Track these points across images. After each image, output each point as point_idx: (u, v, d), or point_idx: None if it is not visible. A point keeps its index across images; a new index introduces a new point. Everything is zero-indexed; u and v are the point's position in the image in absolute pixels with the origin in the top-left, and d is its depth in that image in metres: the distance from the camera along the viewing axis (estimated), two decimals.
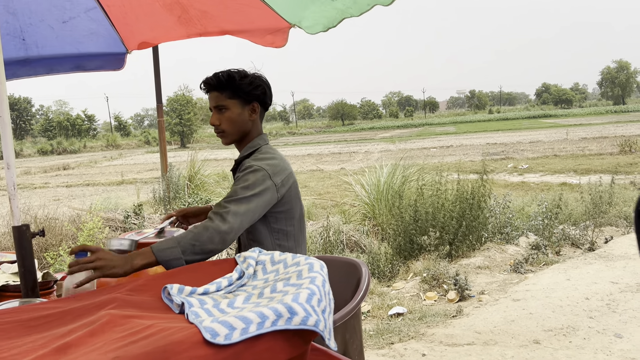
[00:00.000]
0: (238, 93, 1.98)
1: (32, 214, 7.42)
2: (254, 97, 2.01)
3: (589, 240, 6.20)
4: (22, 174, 25.33)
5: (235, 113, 2.00)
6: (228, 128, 2.02)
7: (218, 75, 1.98)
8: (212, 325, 1.09)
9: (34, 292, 1.71)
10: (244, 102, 2.00)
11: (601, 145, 20.45)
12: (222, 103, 1.99)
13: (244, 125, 2.04)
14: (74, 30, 2.66)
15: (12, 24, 2.51)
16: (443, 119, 74.14)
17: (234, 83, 1.97)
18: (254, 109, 2.04)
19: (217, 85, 1.98)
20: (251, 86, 1.99)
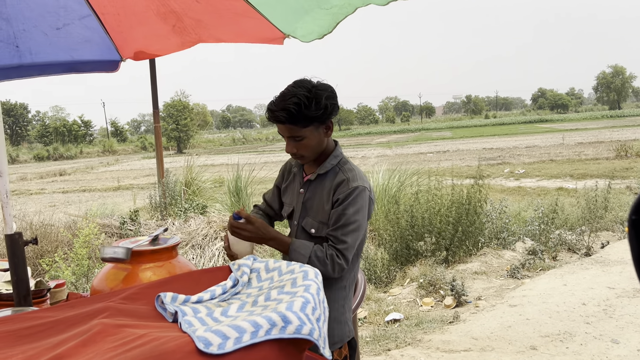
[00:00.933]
0: (312, 120, 1.84)
1: (27, 221, 7.39)
2: (328, 115, 1.89)
3: (586, 245, 6.21)
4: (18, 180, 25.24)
5: (313, 139, 1.89)
6: (307, 153, 1.92)
7: (289, 109, 1.80)
8: (206, 335, 1.08)
9: (26, 301, 1.70)
10: (318, 125, 1.88)
11: (597, 150, 20.52)
12: (297, 134, 1.86)
13: (321, 145, 1.94)
14: (68, 37, 2.65)
15: (6, 30, 2.50)
16: (439, 124, 74.29)
17: (307, 112, 1.81)
18: (329, 127, 1.93)
19: (290, 120, 1.82)
20: (324, 108, 1.84)
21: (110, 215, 8.48)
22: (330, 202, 1.90)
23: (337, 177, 1.93)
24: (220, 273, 1.57)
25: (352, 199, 1.86)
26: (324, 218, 1.92)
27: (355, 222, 1.85)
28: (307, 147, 1.89)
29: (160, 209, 8.60)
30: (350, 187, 1.87)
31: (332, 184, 1.93)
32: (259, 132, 79.02)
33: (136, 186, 18.10)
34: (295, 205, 2.03)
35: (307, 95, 1.81)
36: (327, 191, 1.93)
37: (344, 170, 1.94)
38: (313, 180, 1.98)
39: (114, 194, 16.76)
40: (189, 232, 6.83)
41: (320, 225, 1.93)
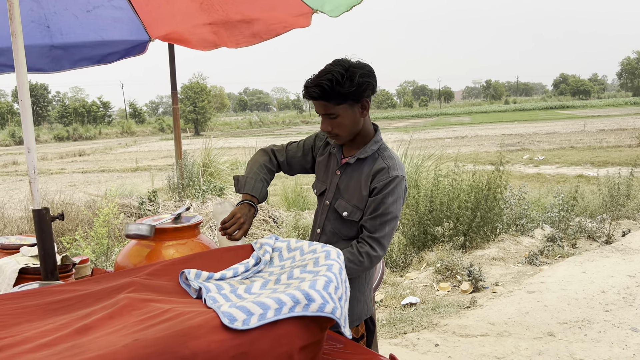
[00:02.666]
0: (346, 97, 1.82)
1: (48, 199, 7.52)
2: (364, 94, 1.86)
3: (606, 233, 6.12)
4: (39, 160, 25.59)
5: (347, 118, 1.87)
6: (342, 132, 1.91)
7: (322, 85, 1.80)
8: (230, 311, 1.10)
9: (53, 275, 1.73)
10: (353, 103, 1.86)
11: (619, 138, 20.12)
12: (331, 112, 1.85)
13: (357, 125, 1.92)
14: (97, 18, 2.68)
15: (37, 11, 2.53)
16: (458, 109, 73.43)
17: (340, 89, 1.80)
18: (365, 106, 1.90)
19: (324, 97, 1.82)
20: (359, 86, 1.82)
21: (129, 196, 8.59)
22: (368, 188, 1.89)
23: (377, 164, 1.91)
24: (243, 251, 1.58)
25: (392, 188, 1.85)
26: (359, 203, 1.90)
27: (392, 212, 1.85)
28: (342, 126, 1.88)
29: (178, 190, 8.68)
30: (391, 176, 1.85)
31: (370, 169, 1.91)
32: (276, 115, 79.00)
33: (154, 167, 18.28)
34: (329, 185, 2.01)
35: (341, 72, 1.79)
36: (365, 176, 1.91)
37: (384, 157, 1.92)
38: (352, 163, 1.95)
39: (133, 175, 16.96)
40: (206, 214, 6.89)
41: (354, 209, 1.92)
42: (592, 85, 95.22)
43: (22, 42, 1.77)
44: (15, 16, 1.74)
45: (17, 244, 2.08)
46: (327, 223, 2.00)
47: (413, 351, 3.47)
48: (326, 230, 2.01)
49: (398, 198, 1.86)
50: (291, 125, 58.66)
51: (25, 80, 1.77)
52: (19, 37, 1.75)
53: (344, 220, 1.94)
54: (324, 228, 2.02)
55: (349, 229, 1.95)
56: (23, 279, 1.80)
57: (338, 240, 1.97)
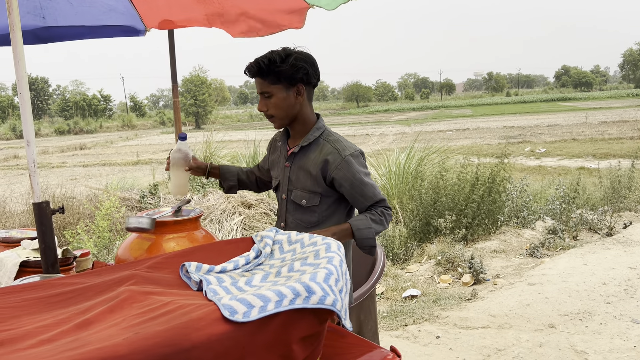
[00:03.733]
0: (280, 78, 1.91)
1: (50, 193, 7.53)
2: (298, 79, 1.93)
3: (607, 225, 6.12)
4: (39, 154, 25.66)
5: (280, 98, 1.95)
6: (276, 113, 1.98)
7: (258, 61, 1.90)
8: (231, 303, 1.10)
9: (54, 268, 1.74)
10: (287, 85, 1.94)
11: (621, 129, 20.08)
12: (266, 90, 1.94)
13: (291, 108, 1.98)
14: (92, 7, 2.66)
15: (32, 1, 2.51)
16: (460, 101, 73.27)
17: (275, 68, 1.89)
18: (299, 91, 1.96)
19: (259, 72, 1.91)
20: (293, 69, 1.90)
21: (130, 189, 8.60)
22: (319, 171, 1.96)
23: (325, 150, 1.97)
24: (243, 244, 1.58)
25: (354, 166, 1.93)
26: (314, 187, 1.98)
27: (369, 181, 1.96)
28: (276, 107, 1.95)
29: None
30: (344, 157, 1.93)
31: (319, 155, 1.97)
32: None
33: (155, 161, 18.28)
34: (281, 178, 2.08)
35: (280, 54, 1.89)
36: (312, 162, 1.98)
37: (330, 142, 1.99)
38: (297, 152, 2.02)
39: (134, 168, 16.97)
40: (207, 207, 6.90)
41: (311, 195, 1.99)
42: (594, 77, 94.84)
43: (21, 36, 1.76)
44: (13, 9, 1.73)
45: (18, 238, 2.08)
46: (289, 215, 2.06)
47: (414, 343, 3.48)
48: (289, 222, 2.06)
49: (364, 168, 1.97)
50: None
51: (25, 74, 1.76)
52: (17, 31, 1.74)
53: (304, 209, 2.01)
54: (286, 220, 2.07)
55: (310, 216, 2.01)
56: (24, 272, 1.80)
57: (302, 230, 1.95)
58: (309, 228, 2.01)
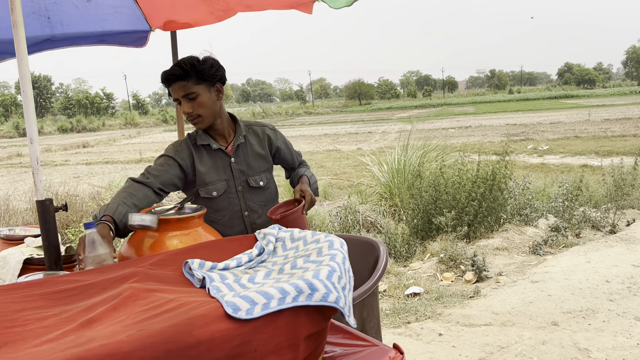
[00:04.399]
0: (203, 77, 2.06)
1: (53, 191, 7.55)
2: (217, 78, 2.11)
3: (610, 223, 6.11)
4: (42, 152, 25.71)
5: (206, 97, 2.09)
6: (203, 112, 2.11)
7: (180, 64, 2.03)
8: (234, 300, 1.10)
9: (57, 266, 1.74)
10: (209, 85, 2.10)
11: (624, 127, 20.00)
12: (191, 91, 2.05)
13: (214, 106, 2.14)
14: (98, 8, 2.67)
15: (37, 2, 2.52)
16: (462, 99, 73.05)
17: (197, 69, 2.04)
18: (219, 90, 2.14)
19: (183, 75, 2.03)
20: (213, 69, 2.08)
21: None
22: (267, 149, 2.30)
23: (260, 131, 2.31)
24: (246, 241, 1.58)
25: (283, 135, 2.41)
26: (266, 166, 2.30)
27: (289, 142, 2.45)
28: (203, 106, 2.09)
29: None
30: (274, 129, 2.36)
31: (259, 137, 2.30)
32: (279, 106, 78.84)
33: None
34: (226, 177, 2.22)
35: (196, 57, 2.09)
36: (258, 146, 2.28)
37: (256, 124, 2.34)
38: (242, 144, 2.24)
39: (136, 166, 16.98)
40: None
41: (265, 174, 2.30)
42: (597, 75, 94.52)
43: (24, 33, 1.76)
44: (16, 7, 1.73)
45: (21, 235, 2.09)
46: (251, 203, 2.26)
47: (417, 341, 3.48)
48: (254, 208, 2.27)
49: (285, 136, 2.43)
50: (294, 116, 58.56)
51: (27, 72, 1.76)
52: (20, 28, 1.74)
53: (261, 189, 2.28)
54: (249, 208, 2.27)
55: (266, 193, 2.31)
56: (27, 270, 1.81)
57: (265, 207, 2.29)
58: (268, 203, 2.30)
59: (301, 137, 25.79)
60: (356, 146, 19.17)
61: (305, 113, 62.56)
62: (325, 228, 6.19)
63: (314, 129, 31.97)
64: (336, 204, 7.37)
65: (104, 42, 2.89)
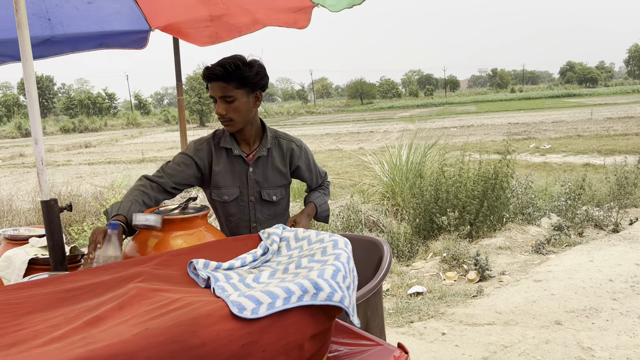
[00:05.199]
0: (245, 83, 2.00)
1: (56, 191, 7.57)
2: (259, 86, 2.06)
3: (613, 222, 6.10)
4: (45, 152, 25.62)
5: (242, 102, 2.03)
6: (236, 117, 2.05)
7: (225, 65, 1.96)
8: (239, 300, 1.10)
9: (62, 265, 1.75)
10: (249, 91, 2.04)
11: (627, 126, 19.95)
12: (229, 94, 2.00)
13: (249, 113, 2.09)
14: (98, 10, 2.68)
15: (38, 4, 2.53)
16: (464, 98, 72.96)
17: (241, 73, 1.97)
18: (258, 97, 2.09)
19: (225, 76, 1.97)
20: (258, 76, 2.02)
21: None
22: (287, 166, 2.22)
23: (285, 146, 2.22)
24: (251, 241, 1.59)
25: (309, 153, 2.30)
26: (282, 180, 2.23)
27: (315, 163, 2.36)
28: (237, 111, 2.04)
29: None
30: (302, 148, 2.26)
31: (282, 152, 2.22)
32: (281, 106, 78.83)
33: (160, 159, 18.32)
34: (245, 184, 2.17)
35: (242, 60, 2.00)
36: (279, 160, 2.21)
37: (285, 138, 2.25)
38: (263, 155, 2.18)
39: (138, 166, 17.01)
40: None
41: (280, 189, 2.24)
42: (599, 73, 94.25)
43: (28, 34, 1.77)
44: (20, 7, 1.74)
45: (26, 235, 2.10)
46: (259, 215, 2.22)
47: (420, 340, 3.48)
48: (262, 221, 2.23)
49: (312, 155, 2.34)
50: (296, 115, 58.57)
51: (32, 72, 1.77)
52: (24, 29, 1.74)
53: (274, 204, 2.24)
54: (258, 220, 2.23)
55: (277, 207, 2.26)
56: (33, 270, 1.81)
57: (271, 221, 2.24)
58: (276, 217, 2.26)
59: (303, 137, 25.79)
60: (358, 145, 19.17)
61: (307, 112, 62.55)
62: (328, 227, 6.19)
63: (316, 129, 31.97)
64: (338, 204, 7.36)
65: (104, 46, 2.91)
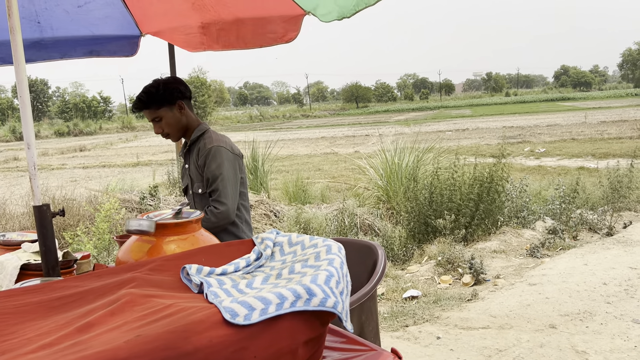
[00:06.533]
0: (162, 102, 2.33)
1: (49, 195, 7.53)
2: (175, 97, 2.36)
3: (607, 225, 6.12)
4: (39, 155, 25.62)
5: (169, 117, 2.37)
6: (170, 130, 2.41)
7: (139, 98, 2.33)
8: (232, 306, 1.09)
9: (54, 271, 1.73)
10: (169, 105, 2.36)
11: (620, 129, 20.08)
12: (155, 116, 2.36)
13: (180, 122, 2.41)
14: (89, 14, 2.67)
15: (28, 7, 2.52)
16: (459, 101, 73.23)
17: (154, 97, 2.32)
18: (181, 106, 2.40)
19: (144, 105, 2.34)
20: (167, 92, 2.33)
21: (130, 191, 8.59)
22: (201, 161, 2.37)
23: (199, 145, 2.41)
24: (244, 246, 1.58)
25: (211, 156, 2.33)
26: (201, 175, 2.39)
27: (220, 174, 2.31)
28: (168, 125, 2.39)
29: (179, 185, 8.68)
30: (207, 148, 2.35)
31: (197, 151, 2.41)
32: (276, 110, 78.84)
33: (155, 162, 18.27)
34: (184, 179, 2.54)
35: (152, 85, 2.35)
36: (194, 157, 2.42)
37: (204, 138, 2.42)
38: (186, 151, 2.48)
39: (133, 170, 16.95)
40: None
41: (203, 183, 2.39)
42: (593, 77, 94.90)
43: (21, 38, 1.76)
44: (13, 12, 1.73)
45: (18, 240, 2.08)
46: (197, 207, 2.42)
47: (415, 344, 3.48)
48: None
49: (221, 162, 2.32)
50: (291, 119, 58.58)
51: (25, 77, 1.76)
52: (17, 34, 1.74)
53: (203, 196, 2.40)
54: None
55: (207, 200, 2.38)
56: (25, 275, 1.80)
57: None
58: None
59: (298, 140, 25.80)
60: (353, 149, 19.19)
61: (302, 116, 62.57)
62: (323, 231, 6.18)
63: (311, 132, 31.98)
64: (333, 207, 7.36)
65: (94, 54, 2.91)
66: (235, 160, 2.40)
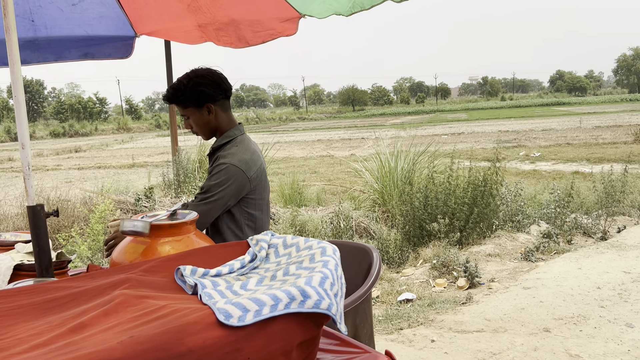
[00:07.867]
0: (187, 103, 2.18)
1: (44, 196, 7.49)
2: (202, 100, 2.17)
3: (602, 230, 6.15)
4: (34, 156, 25.52)
5: (196, 117, 2.22)
6: (199, 130, 2.26)
7: (168, 90, 2.20)
8: (226, 307, 1.09)
9: (48, 272, 1.73)
10: (196, 106, 2.19)
11: (615, 134, 20.17)
12: (182, 113, 2.23)
13: (209, 124, 2.24)
14: (83, 13, 2.66)
15: (22, 5, 2.51)
16: (455, 105, 73.41)
17: (180, 96, 2.17)
18: (209, 109, 2.21)
19: (173, 99, 2.19)
20: (194, 94, 2.15)
21: (125, 192, 8.56)
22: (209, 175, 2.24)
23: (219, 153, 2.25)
24: (239, 248, 1.58)
25: (217, 172, 2.15)
26: None
27: (211, 192, 2.13)
28: (196, 125, 2.24)
29: (174, 187, 8.66)
30: (218, 162, 2.17)
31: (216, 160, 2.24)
32: (273, 112, 78.86)
33: (150, 164, 18.21)
34: None
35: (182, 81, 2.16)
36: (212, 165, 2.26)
37: (226, 149, 2.24)
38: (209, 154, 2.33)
39: (129, 171, 16.90)
40: None
41: None
42: (588, 82, 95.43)
43: (16, 39, 1.75)
44: (9, 11, 1.73)
45: (12, 241, 2.07)
46: None
47: (409, 347, 3.48)
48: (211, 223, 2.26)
49: (221, 182, 2.13)
50: (288, 121, 58.60)
51: (20, 77, 1.75)
52: (12, 34, 1.73)
53: None
54: None
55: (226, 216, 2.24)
56: (18, 276, 1.79)
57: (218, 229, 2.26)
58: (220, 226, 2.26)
59: (295, 143, 25.80)
60: (349, 152, 19.19)
61: (298, 119, 62.60)
62: (318, 234, 6.18)
63: (308, 135, 31.99)
64: (329, 210, 7.36)
65: (89, 56, 2.90)
66: (245, 183, 2.17)
